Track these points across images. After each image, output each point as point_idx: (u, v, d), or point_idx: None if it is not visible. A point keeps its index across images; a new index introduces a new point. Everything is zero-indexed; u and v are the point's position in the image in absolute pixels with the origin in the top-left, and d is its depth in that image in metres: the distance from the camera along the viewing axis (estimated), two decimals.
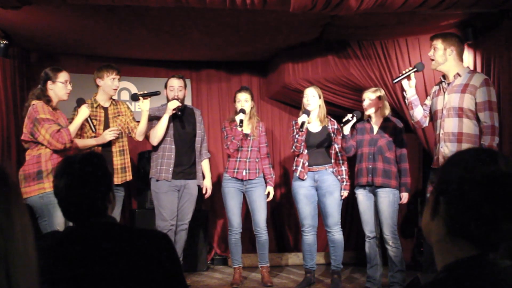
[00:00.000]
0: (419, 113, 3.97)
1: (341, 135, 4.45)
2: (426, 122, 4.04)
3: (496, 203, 1.01)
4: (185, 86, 4.69)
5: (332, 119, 4.75)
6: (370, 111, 4.41)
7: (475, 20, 4.48)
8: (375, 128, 4.43)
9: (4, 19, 4.47)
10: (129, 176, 4.41)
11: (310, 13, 4.02)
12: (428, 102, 4.04)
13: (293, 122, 4.72)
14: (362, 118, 4.52)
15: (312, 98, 4.61)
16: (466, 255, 1.04)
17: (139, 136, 4.43)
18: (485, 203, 1.01)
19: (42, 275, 0.85)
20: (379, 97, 4.41)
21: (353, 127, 4.48)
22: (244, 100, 4.72)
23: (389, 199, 4.30)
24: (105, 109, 4.37)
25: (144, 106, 4.38)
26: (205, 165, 4.79)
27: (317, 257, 4.89)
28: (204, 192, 4.77)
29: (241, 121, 4.56)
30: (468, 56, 4.61)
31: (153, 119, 4.57)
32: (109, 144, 4.28)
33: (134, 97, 4.49)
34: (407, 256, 5.47)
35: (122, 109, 4.47)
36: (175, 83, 4.61)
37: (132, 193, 5.90)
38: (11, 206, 0.82)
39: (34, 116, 3.79)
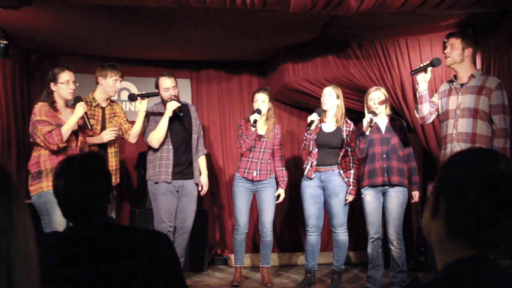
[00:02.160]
0: (426, 109, 4.00)
1: (360, 135, 4.30)
2: (430, 119, 4.07)
3: (496, 203, 1.01)
4: (176, 83, 4.58)
5: (348, 121, 4.64)
6: (381, 110, 4.38)
7: (475, 20, 4.47)
8: (382, 127, 4.41)
9: (4, 19, 4.47)
10: (118, 178, 4.41)
11: (310, 13, 4.02)
12: (435, 99, 4.04)
13: None
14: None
15: (329, 98, 4.54)
16: (466, 255, 1.04)
17: (132, 138, 4.39)
18: (485, 203, 1.01)
19: (43, 275, 0.85)
20: (385, 96, 4.42)
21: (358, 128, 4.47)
22: (261, 101, 4.66)
23: (400, 200, 4.30)
24: (103, 109, 4.36)
25: (141, 107, 4.33)
26: (201, 162, 4.69)
27: (318, 257, 4.88)
28: (200, 189, 4.65)
29: (255, 121, 4.53)
30: None
31: (149, 120, 4.49)
32: (105, 145, 4.27)
33: (132, 98, 4.44)
34: (407, 256, 5.46)
35: (117, 109, 4.46)
36: (168, 83, 4.47)
37: (132, 193, 5.90)
38: (12, 206, 0.82)
39: (33, 118, 3.90)
